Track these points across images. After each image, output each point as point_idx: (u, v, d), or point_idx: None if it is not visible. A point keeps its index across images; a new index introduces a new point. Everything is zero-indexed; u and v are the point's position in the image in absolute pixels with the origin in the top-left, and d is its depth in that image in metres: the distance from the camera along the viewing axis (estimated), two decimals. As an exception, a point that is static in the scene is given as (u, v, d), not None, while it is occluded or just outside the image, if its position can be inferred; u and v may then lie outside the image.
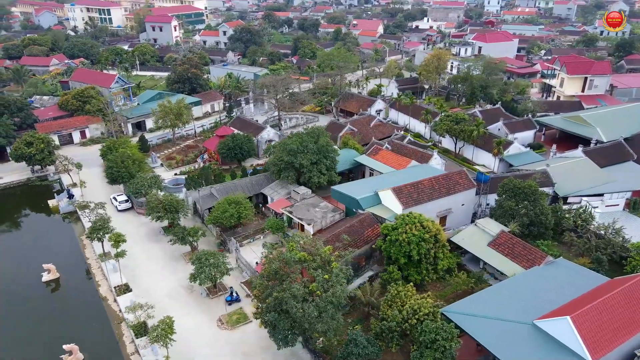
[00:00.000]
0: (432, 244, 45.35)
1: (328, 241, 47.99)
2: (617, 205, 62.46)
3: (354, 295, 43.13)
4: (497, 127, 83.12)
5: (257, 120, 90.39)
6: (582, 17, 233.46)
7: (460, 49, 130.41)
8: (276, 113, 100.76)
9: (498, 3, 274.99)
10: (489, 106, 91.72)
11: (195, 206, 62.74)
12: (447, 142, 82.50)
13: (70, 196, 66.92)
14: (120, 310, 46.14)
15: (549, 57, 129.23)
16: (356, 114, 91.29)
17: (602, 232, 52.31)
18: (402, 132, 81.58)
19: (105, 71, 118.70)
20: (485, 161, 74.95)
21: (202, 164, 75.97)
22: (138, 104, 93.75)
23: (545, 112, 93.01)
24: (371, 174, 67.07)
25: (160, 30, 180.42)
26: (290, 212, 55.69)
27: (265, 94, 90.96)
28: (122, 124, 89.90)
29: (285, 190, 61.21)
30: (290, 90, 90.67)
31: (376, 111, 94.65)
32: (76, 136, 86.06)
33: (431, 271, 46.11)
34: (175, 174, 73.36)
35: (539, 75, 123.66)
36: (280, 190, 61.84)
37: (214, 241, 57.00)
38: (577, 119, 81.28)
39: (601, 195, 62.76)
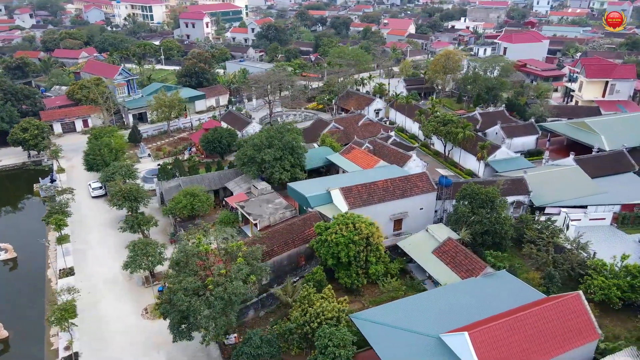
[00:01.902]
0: (363, 246, 43.36)
1: (262, 238, 47.19)
2: (604, 219, 57.36)
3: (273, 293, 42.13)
4: (495, 131, 78.94)
5: (251, 116, 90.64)
6: (637, 20, 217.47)
7: (478, 49, 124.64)
8: (278, 109, 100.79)
9: (548, 3, 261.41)
10: (491, 109, 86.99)
11: (162, 196, 63.53)
12: (440, 145, 79.01)
13: (52, 181, 69.68)
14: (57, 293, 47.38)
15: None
16: (366, 114, 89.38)
17: (568, 246, 48.12)
18: (393, 132, 78.87)
19: (128, 64, 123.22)
20: (473, 165, 71.14)
21: (187, 156, 77.00)
22: (142, 95, 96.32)
23: (557, 117, 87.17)
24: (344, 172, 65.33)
25: (193, 26, 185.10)
26: (242, 207, 55.15)
27: (254, 89, 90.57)
28: (123, 114, 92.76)
29: (248, 185, 60.74)
30: (280, 85, 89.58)
31: (374, 110, 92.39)
32: (79, 125, 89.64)
33: (361, 275, 44.09)
34: (158, 165, 74.67)
35: (565, 79, 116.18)
36: (244, 184, 61.46)
37: (168, 231, 57.45)
38: (581, 125, 75.53)
39: (585, 207, 57.97)
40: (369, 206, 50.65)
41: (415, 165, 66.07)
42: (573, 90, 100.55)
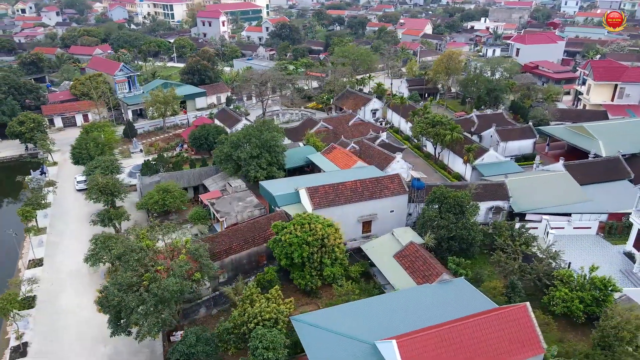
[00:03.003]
0: (318, 248, 42.46)
1: (221, 235, 46.94)
2: (589, 228, 54.85)
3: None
4: (490, 134, 76.64)
5: (249, 114, 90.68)
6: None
7: (487, 49, 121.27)
8: (276, 107, 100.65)
9: (577, 4, 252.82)
10: (488, 111, 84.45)
11: (142, 191, 64.05)
12: (432, 147, 77.13)
13: (43, 173, 71.27)
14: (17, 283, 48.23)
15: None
16: (357, 113, 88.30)
17: (539, 254, 46.05)
18: (385, 133, 77.35)
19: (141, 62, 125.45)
20: (461, 168, 69.11)
21: (177, 153, 77.57)
22: (143, 92, 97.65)
23: (560, 121, 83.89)
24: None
25: (210, 25, 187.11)
26: (213, 204, 55.00)
27: (252, 87, 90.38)
28: (123, 110, 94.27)
29: (224, 182, 60.59)
30: (272, 84, 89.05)
31: (371, 110, 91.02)
32: (79, 119, 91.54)
33: (315, 276, 43.20)
34: (147, 160, 75.36)
35: (578, 82, 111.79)
36: (221, 182, 61.36)
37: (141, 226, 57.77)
38: (579, 129, 72.44)
39: (568, 215, 55.46)
40: (335, 207, 49.67)
41: (399, 166, 64.56)
42: (581, 93, 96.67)
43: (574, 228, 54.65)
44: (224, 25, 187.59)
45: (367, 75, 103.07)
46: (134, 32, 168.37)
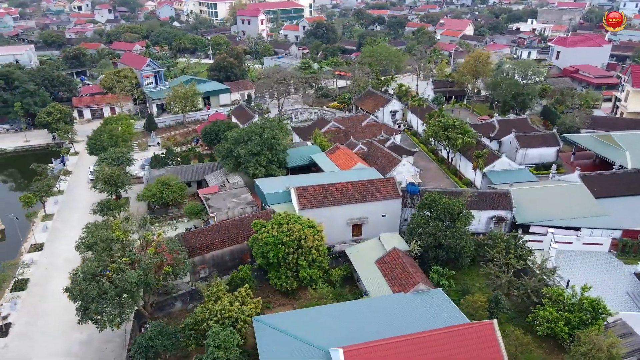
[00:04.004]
0: (294, 249, 41.65)
1: (204, 230, 47.07)
2: (600, 244, 51.03)
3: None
4: (509, 140, 73.05)
5: (269, 111, 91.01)
6: None
7: (522, 51, 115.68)
8: (297, 106, 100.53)
9: (637, 6, 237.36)
10: (512, 115, 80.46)
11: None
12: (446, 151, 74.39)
13: (63, 162, 74.38)
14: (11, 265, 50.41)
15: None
16: (369, 113, 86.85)
17: (535, 269, 43.19)
18: (398, 136, 75.41)
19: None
20: (472, 175, 66.11)
21: (190, 147, 78.92)
22: (168, 87, 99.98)
23: (591, 129, 78.72)
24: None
25: (249, 23, 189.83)
26: (207, 199, 55.34)
27: (267, 85, 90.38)
28: (148, 104, 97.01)
29: (224, 178, 60.89)
30: (286, 81, 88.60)
31: (390, 112, 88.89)
32: (107, 112, 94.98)
33: (291, 278, 42.40)
34: (155, 153, 76.86)
35: (619, 88, 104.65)
36: (221, 177, 61.74)
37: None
38: (606, 138, 67.72)
39: (578, 229, 51.81)
40: (324, 208, 48.70)
41: (406, 170, 62.69)
42: (620, 100, 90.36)
43: (584, 244, 51.02)
44: (262, 23, 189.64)
45: (390, 75, 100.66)
46: (174, 29, 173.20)
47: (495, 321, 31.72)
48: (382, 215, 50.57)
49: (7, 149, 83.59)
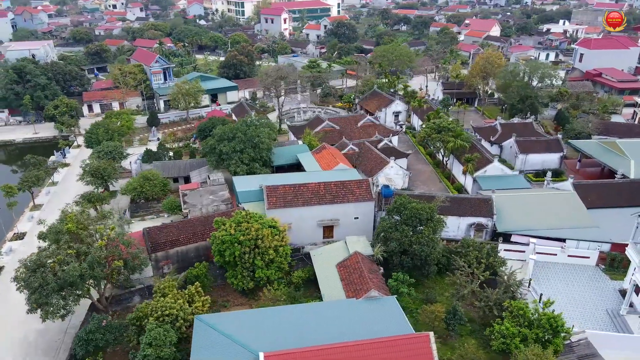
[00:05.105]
0: (250, 248, 40.92)
1: (170, 226, 46.96)
2: (587, 257, 48.07)
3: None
4: (510, 145, 70.09)
5: (273, 110, 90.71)
6: None
7: (539, 53, 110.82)
8: (303, 105, 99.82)
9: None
10: (516, 119, 77.10)
11: (137, 178, 66.19)
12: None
13: (64, 155, 76.28)
14: (0, 253, 51.87)
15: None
16: (372, 114, 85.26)
17: (503, 281, 40.93)
18: (395, 136, 73.44)
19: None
20: (467, 178, 63.68)
21: (186, 143, 79.49)
22: (174, 83, 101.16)
23: (603, 136, 74.52)
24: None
25: (272, 22, 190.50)
26: (185, 195, 55.33)
27: (262, 82, 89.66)
28: (155, 100, 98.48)
29: (207, 174, 60.81)
30: (285, 79, 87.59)
31: (393, 113, 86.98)
32: (115, 106, 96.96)
33: (247, 277, 41.67)
34: (147, 149, 77.40)
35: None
36: (205, 174, 61.62)
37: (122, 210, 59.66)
38: (612, 145, 63.96)
39: (563, 240, 48.93)
40: (292, 208, 47.81)
41: (394, 172, 61.17)
42: (637, 105, 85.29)
43: (569, 256, 48.15)
44: (285, 22, 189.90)
45: (395, 75, 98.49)
46: (197, 27, 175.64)
47: (431, 333, 30.04)
48: (355, 218, 49.22)
49: (15, 140, 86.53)
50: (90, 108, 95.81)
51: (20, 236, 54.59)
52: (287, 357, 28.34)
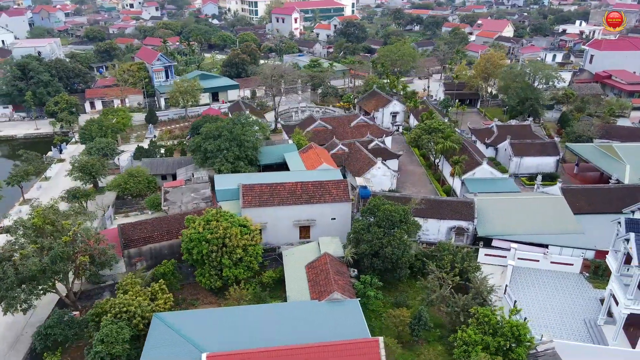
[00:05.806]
0: (218, 247, 40.62)
1: (144, 223, 47.01)
2: (571, 264, 46.53)
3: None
4: (504, 147, 68.50)
5: (257, 107, 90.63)
6: None
7: (546, 54, 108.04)
8: (303, 104, 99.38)
9: None
10: (513, 121, 75.29)
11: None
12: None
13: (60, 150, 77.34)
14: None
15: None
16: (368, 114, 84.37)
17: (475, 284, 39.86)
18: (388, 137, 72.45)
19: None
20: (456, 181, 62.36)
21: (179, 141, 79.82)
22: (173, 81, 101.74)
23: (605, 139, 72.29)
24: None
25: (283, 21, 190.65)
26: (166, 192, 55.40)
27: (264, 81, 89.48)
28: (156, 98, 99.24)
29: (192, 172, 60.83)
30: (282, 78, 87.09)
31: (391, 113, 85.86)
32: (117, 104, 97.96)
33: (215, 276, 41.38)
34: (139, 145, 77.59)
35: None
36: (190, 171, 61.64)
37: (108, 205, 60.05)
38: (608, 149, 61.85)
39: (545, 246, 47.46)
40: (268, 207, 47.42)
41: (381, 173, 60.41)
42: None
43: (552, 262, 46.64)
44: (296, 22, 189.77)
45: (395, 75, 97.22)
46: (207, 26, 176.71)
47: (381, 339, 29.31)
48: (332, 219, 48.54)
49: (17, 135, 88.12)
50: (92, 105, 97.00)
51: (6, 230, 55.22)
52: (230, 358, 27.89)
